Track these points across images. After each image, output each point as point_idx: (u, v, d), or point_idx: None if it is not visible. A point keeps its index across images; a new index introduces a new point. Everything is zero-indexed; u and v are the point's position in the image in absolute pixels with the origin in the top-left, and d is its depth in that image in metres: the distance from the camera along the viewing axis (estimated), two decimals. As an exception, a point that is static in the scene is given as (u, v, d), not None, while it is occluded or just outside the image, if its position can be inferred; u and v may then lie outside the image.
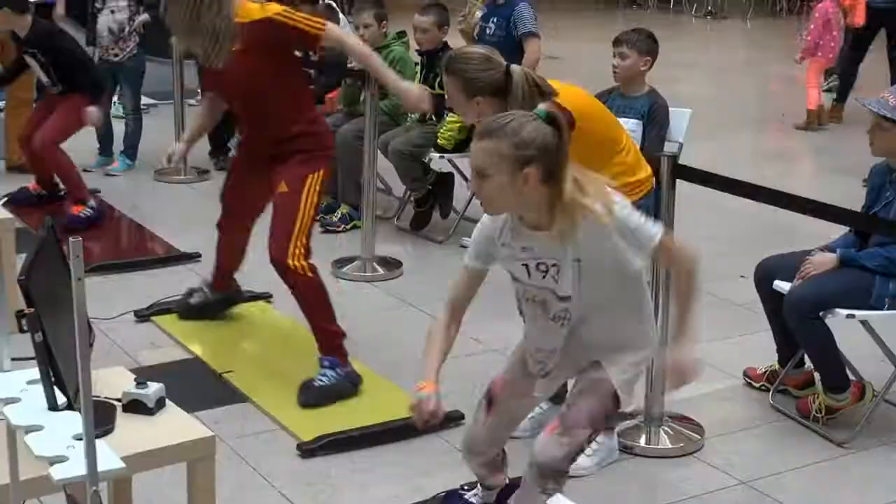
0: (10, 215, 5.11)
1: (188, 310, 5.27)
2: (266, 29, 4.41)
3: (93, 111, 6.81)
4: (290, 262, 4.48)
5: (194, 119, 5.27)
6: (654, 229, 3.00)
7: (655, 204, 4.14)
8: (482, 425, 3.43)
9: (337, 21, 7.59)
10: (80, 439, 2.20)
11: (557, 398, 4.13)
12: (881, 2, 9.90)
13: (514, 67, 3.80)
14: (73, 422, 2.34)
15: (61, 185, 6.96)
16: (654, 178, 4.17)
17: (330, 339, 4.61)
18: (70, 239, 2.00)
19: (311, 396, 4.50)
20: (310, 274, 4.54)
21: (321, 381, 4.52)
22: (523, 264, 3.08)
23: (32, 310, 2.35)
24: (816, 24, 9.90)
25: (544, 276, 3.06)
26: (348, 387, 4.57)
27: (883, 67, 10.27)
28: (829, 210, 4.09)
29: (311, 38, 4.52)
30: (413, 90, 4.73)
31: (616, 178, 3.93)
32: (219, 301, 5.31)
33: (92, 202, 6.73)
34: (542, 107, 2.96)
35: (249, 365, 4.89)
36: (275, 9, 4.45)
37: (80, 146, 8.39)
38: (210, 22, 4.35)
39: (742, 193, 4.40)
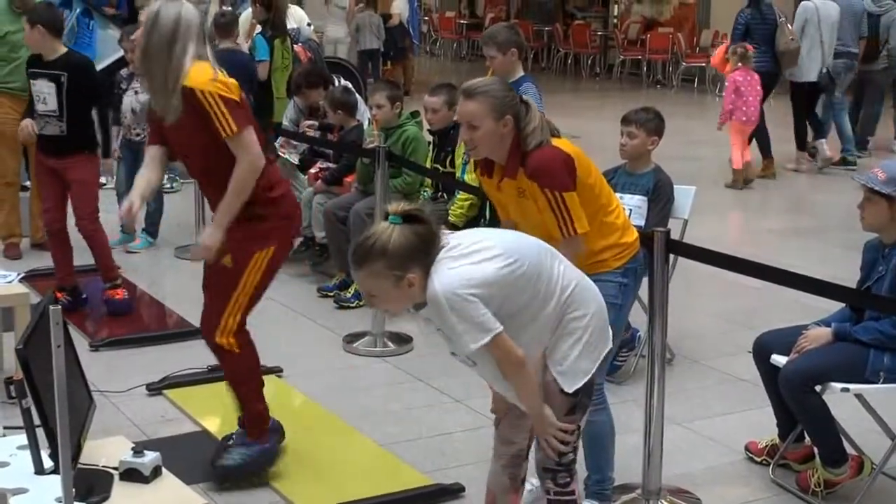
0: (25, 290, 5.23)
1: None
2: (189, 97, 4.20)
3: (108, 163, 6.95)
4: (217, 339, 4.37)
5: (141, 175, 4.53)
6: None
7: (650, 279, 4.21)
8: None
9: (355, 103, 7.75)
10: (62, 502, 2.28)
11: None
12: (754, 66, 10.96)
13: (526, 97, 3.98)
14: (58, 485, 2.42)
15: (82, 291, 6.81)
16: (649, 255, 4.23)
17: (252, 416, 4.49)
18: (50, 307, 2.10)
19: (218, 473, 4.42)
20: (237, 350, 4.39)
21: (228, 460, 4.43)
22: (438, 329, 3.29)
23: (20, 377, 2.44)
24: (728, 92, 10.85)
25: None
26: (257, 464, 4.44)
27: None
28: (825, 287, 4.13)
29: (218, 131, 4.20)
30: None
31: (608, 237, 4.04)
32: None
33: (120, 281, 6.78)
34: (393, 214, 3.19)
35: (256, 438, 4.95)
36: (203, 83, 4.19)
37: (104, 223, 8.58)
38: (161, 74, 4.23)
39: (738, 269, 4.46)
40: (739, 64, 10.77)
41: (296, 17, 10.29)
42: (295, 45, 9.71)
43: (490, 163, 4.02)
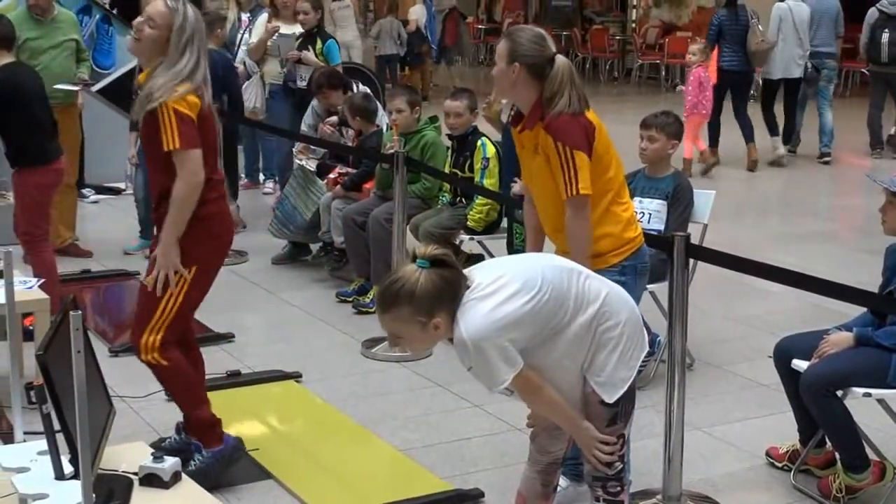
0: (45, 296, 5.24)
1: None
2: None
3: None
4: (142, 355, 4.37)
5: None
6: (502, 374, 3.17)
7: (669, 283, 4.19)
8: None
9: (374, 109, 7.74)
10: (82, 507, 2.29)
11: (577, 477, 4.17)
12: (727, 65, 11.83)
13: (560, 57, 3.97)
14: (78, 491, 2.42)
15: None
16: (669, 259, 4.21)
17: (195, 423, 4.47)
18: (71, 312, 2.10)
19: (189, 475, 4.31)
20: (164, 362, 4.36)
21: (191, 465, 4.34)
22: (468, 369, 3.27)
23: (40, 383, 2.45)
24: (693, 86, 11.37)
25: None
26: (217, 468, 4.43)
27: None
28: (847, 291, 4.11)
29: (162, 144, 4.18)
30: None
31: (610, 226, 4.03)
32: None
33: None
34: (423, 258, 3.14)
35: (276, 443, 4.95)
36: (167, 97, 4.17)
37: (122, 228, 8.62)
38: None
39: (758, 273, 4.45)
40: (702, 60, 11.42)
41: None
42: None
43: (521, 113, 4.08)
